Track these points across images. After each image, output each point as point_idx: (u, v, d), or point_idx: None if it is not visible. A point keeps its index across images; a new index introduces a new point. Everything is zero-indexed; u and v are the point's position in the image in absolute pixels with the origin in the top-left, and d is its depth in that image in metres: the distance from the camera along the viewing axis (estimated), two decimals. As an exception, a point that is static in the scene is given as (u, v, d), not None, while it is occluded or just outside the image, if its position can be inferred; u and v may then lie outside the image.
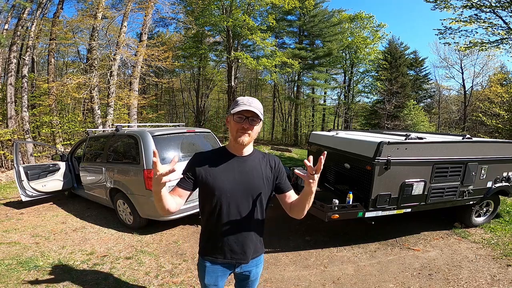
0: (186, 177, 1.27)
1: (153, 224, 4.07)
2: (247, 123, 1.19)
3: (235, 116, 1.19)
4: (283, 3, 14.37)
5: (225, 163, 1.27)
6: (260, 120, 1.22)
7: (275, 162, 1.36)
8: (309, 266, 3.08)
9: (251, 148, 1.33)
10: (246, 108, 1.17)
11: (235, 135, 1.22)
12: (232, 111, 1.19)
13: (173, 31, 21.17)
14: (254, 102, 1.20)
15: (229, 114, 1.23)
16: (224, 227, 1.27)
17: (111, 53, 10.36)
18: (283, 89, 25.73)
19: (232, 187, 1.24)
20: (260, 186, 1.28)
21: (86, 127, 10.66)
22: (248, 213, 1.28)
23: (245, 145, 1.24)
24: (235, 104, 1.20)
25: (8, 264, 3.02)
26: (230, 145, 1.30)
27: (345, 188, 3.66)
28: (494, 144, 3.79)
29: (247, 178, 1.26)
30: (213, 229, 1.30)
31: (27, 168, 5.08)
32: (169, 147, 3.93)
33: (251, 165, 1.29)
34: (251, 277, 1.43)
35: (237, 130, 1.20)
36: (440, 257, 3.25)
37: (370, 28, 20.79)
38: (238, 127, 1.20)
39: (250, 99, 1.21)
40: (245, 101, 1.19)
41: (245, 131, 1.20)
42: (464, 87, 23.06)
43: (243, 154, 1.30)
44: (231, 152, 1.29)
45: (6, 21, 10.22)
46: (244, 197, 1.27)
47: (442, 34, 9.61)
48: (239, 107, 1.18)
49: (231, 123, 1.24)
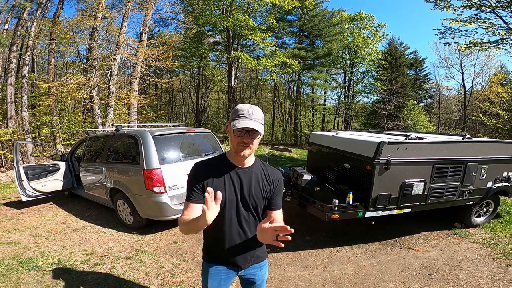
0: (196, 189, 1.24)
1: (153, 224, 4.07)
2: (247, 138, 1.17)
3: (235, 131, 1.16)
4: (283, 3, 14.38)
5: (226, 174, 1.26)
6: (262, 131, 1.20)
7: (275, 179, 1.34)
8: (309, 266, 3.08)
9: (253, 159, 1.32)
10: (246, 126, 1.13)
11: (236, 148, 1.20)
12: (232, 126, 1.15)
13: (173, 31, 21.25)
14: (255, 114, 1.16)
15: (229, 122, 1.20)
16: (225, 237, 1.30)
17: (111, 53, 10.37)
18: (283, 89, 25.73)
19: (233, 199, 1.25)
20: (259, 199, 1.30)
21: (86, 127, 10.66)
22: (248, 223, 1.30)
23: (246, 157, 1.24)
24: (236, 115, 1.16)
25: (8, 264, 3.02)
26: (231, 155, 1.28)
27: (345, 188, 3.66)
28: (494, 144, 3.79)
29: (248, 190, 1.27)
30: (215, 239, 1.33)
31: (27, 168, 5.08)
32: (169, 147, 3.93)
33: (252, 177, 1.29)
34: (257, 280, 1.43)
35: (238, 144, 1.19)
36: (440, 257, 3.25)
37: (370, 28, 20.80)
38: (238, 140, 1.18)
39: (251, 109, 1.17)
40: (245, 113, 1.15)
41: (246, 145, 1.18)
42: (464, 87, 23.10)
43: (244, 165, 1.29)
44: (232, 162, 1.28)
45: (6, 21, 10.22)
46: (244, 208, 1.28)
47: (442, 34, 9.61)
48: (239, 121, 1.14)
49: (231, 135, 1.21)
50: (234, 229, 1.29)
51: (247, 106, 1.19)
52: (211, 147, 4.56)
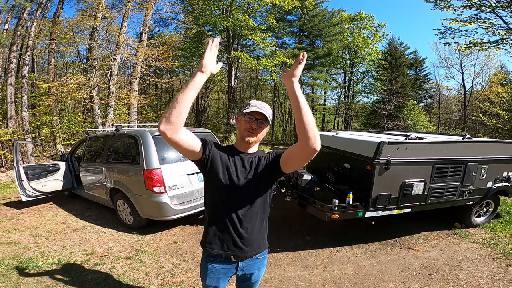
0: (204, 140, 1.29)
1: (153, 224, 4.07)
2: (255, 124, 1.28)
3: (246, 116, 1.29)
4: (283, 3, 14.36)
5: (231, 156, 1.33)
6: (268, 124, 1.33)
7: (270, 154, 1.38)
8: (309, 266, 3.08)
9: (256, 148, 1.42)
10: (258, 110, 1.27)
11: (243, 133, 1.31)
12: (244, 111, 1.29)
13: (173, 31, 21.20)
14: (266, 107, 1.30)
15: (241, 114, 1.33)
16: (225, 219, 1.31)
17: (111, 53, 10.36)
18: (283, 89, 25.65)
19: (235, 181, 1.29)
20: (261, 182, 1.32)
21: (86, 127, 10.65)
22: (249, 207, 1.32)
23: (251, 143, 1.32)
24: (248, 105, 1.31)
25: (8, 264, 3.02)
26: (237, 143, 1.38)
27: (345, 188, 3.66)
28: (494, 144, 3.79)
29: (249, 173, 1.31)
30: (215, 220, 1.35)
31: (27, 168, 5.08)
32: (169, 147, 3.91)
33: (254, 161, 1.34)
34: (252, 279, 1.46)
35: (245, 129, 1.29)
36: (440, 257, 3.25)
37: (370, 28, 20.81)
38: (246, 126, 1.29)
39: (262, 103, 1.31)
40: (258, 105, 1.30)
41: (253, 131, 1.29)
42: (464, 87, 23.05)
43: (248, 152, 1.37)
44: (238, 149, 1.37)
45: (6, 21, 10.21)
46: (246, 191, 1.30)
47: (442, 34, 9.63)
48: (251, 108, 1.28)
49: (241, 122, 1.33)
50: (233, 211, 1.30)
51: (259, 101, 1.33)
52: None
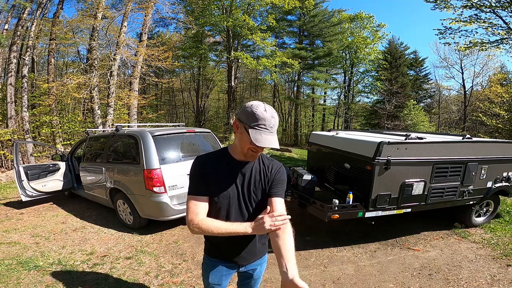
0: (200, 181, 1.23)
1: (153, 224, 4.07)
2: (261, 148, 1.14)
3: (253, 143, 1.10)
4: (283, 3, 14.35)
5: (228, 167, 1.25)
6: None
7: (274, 168, 1.30)
8: (309, 266, 3.08)
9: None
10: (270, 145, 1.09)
11: (246, 152, 1.18)
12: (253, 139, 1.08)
13: (173, 31, 21.21)
14: (276, 124, 1.12)
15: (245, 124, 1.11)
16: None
17: (111, 53, 10.36)
18: (283, 89, 25.73)
19: (235, 193, 1.25)
20: (260, 192, 1.28)
21: (86, 127, 10.65)
22: (250, 217, 1.28)
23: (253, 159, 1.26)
24: (255, 122, 1.08)
25: (8, 264, 3.02)
26: (235, 150, 1.25)
27: (345, 188, 3.66)
28: (494, 144, 3.78)
29: (249, 183, 1.26)
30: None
31: (27, 168, 5.08)
32: (169, 147, 3.93)
33: (253, 171, 1.27)
34: (255, 275, 1.46)
35: (249, 149, 1.16)
36: (440, 257, 3.25)
37: (370, 28, 20.81)
38: (251, 147, 1.15)
39: (272, 118, 1.10)
40: (267, 124, 1.09)
41: (257, 152, 1.18)
42: (464, 87, 23.05)
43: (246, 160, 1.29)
44: (234, 157, 1.25)
45: (6, 21, 10.21)
46: (246, 202, 1.27)
47: (442, 34, 9.61)
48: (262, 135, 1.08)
49: (243, 136, 1.14)
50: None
51: (268, 113, 1.09)
52: (211, 147, 4.55)
